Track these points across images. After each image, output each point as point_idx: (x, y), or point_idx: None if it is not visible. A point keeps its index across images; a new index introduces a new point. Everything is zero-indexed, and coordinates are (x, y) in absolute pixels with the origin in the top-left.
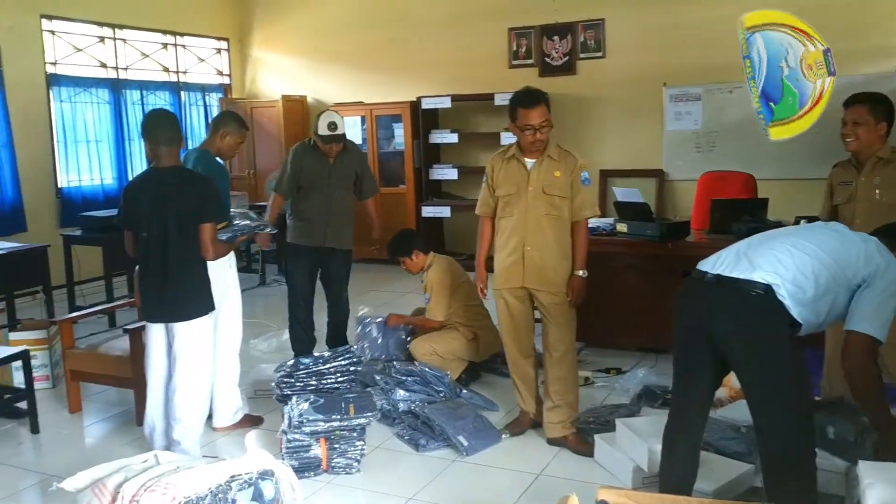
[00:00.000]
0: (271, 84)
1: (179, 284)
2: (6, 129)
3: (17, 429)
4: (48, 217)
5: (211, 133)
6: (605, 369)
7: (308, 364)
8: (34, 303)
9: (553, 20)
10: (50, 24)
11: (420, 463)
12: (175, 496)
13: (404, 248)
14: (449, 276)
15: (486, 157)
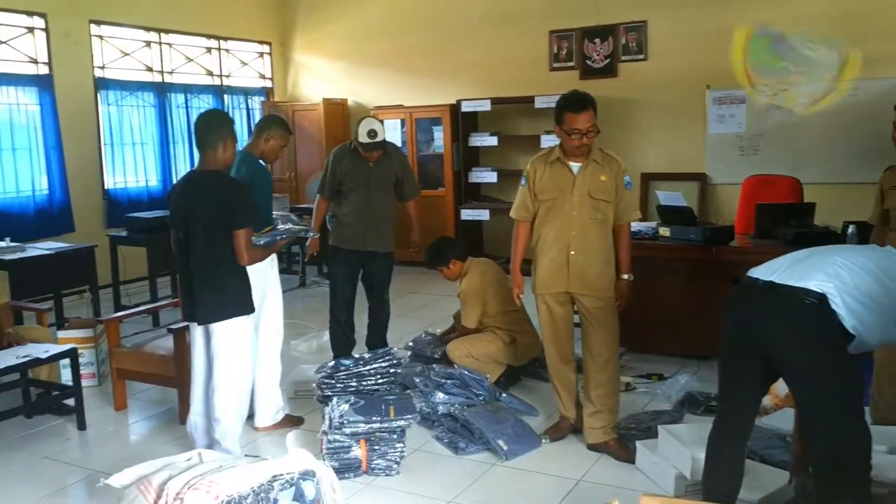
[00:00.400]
0: (312, 87)
1: (208, 286)
2: (56, 132)
3: (64, 425)
4: (95, 218)
5: (255, 136)
6: (647, 375)
7: (348, 365)
8: (81, 302)
9: (594, 22)
10: (99, 29)
11: (459, 466)
12: (218, 495)
13: (441, 257)
14: (484, 282)
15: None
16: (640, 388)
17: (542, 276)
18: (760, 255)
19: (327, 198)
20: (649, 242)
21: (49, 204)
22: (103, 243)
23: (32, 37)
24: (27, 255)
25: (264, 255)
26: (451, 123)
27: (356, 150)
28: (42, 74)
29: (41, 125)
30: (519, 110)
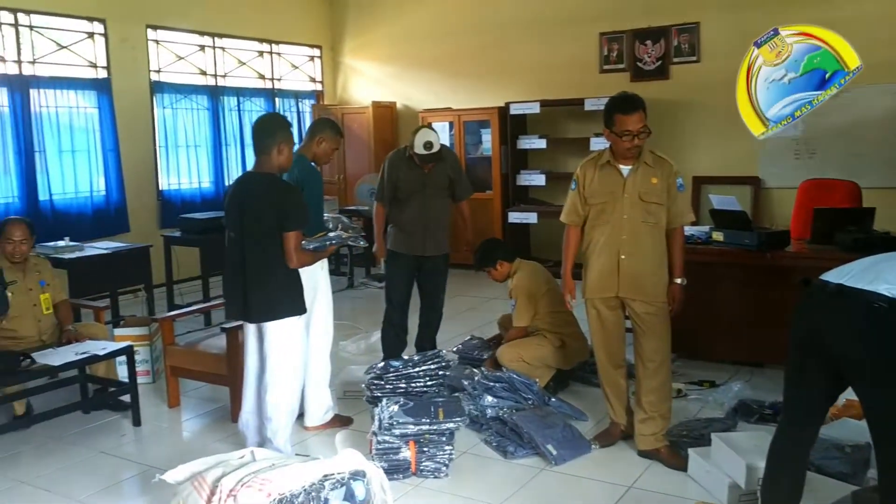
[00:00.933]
0: (361, 90)
1: (261, 286)
2: (113, 135)
3: (120, 421)
4: (149, 218)
5: (308, 139)
6: (698, 382)
7: (398, 367)
8: (135, 301)
9: (646, 24)
10: (155, 34)
11: (508, 470)
12: (270, 493)
13: (489, 258)
14: (534, 282)
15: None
16: (691, 395)
17: (592, 280)
18: (817, 261)
19: (385, 204)
20: (702, 247)
21: (106, 204)
22: (157, 243)
23: (92, 42)
24: (85, 255)
25: (313, 259)
26: (499, 126)
27: (411, 157)
28: (101, 78)
29: (99, 128)
30: (568, 113)
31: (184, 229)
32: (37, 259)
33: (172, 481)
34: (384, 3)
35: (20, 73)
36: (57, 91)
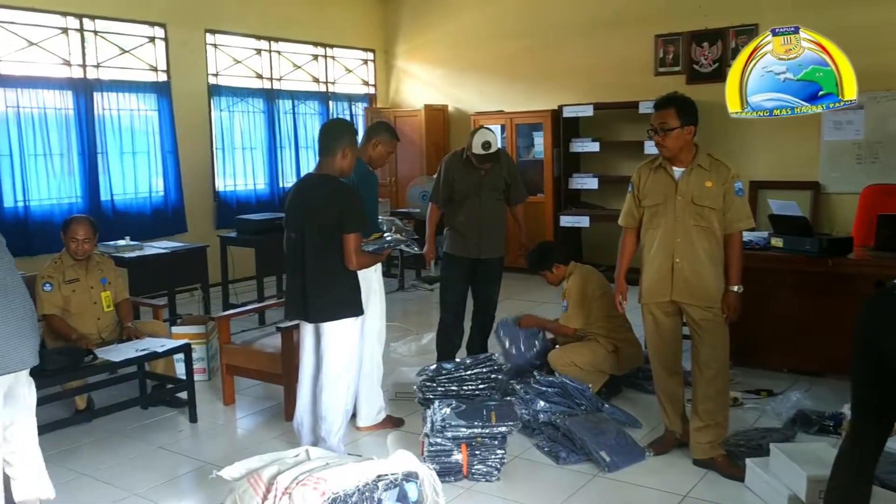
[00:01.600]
0: (414, 94)
1: (320, 287)
2: (172, 137)
3: (177, 417)
4: (206, 219)
5: (364, 142)
6: (755, 390)
7: (450, 369)
8: (191, 299)
9: (702, 26)
10: (213, 37)
11: (560, 476)
12: (325, 491)
13: (545, 261)
14: (589, 285)
15: (628, 167)
16: (748, 404)
17: (647, 284)
18: (881, 269)
19: (440, 206)
20: (760, 253)
21: (164, 205)
22: (214, 244)
23: (153, 46)
24: (144, 254)
25: (372, 261)
26: (551, 129)
27: (468, 159)
28: (161, 82)
29: (159, 130)
30: (622, 115)
31: (239, 230)
32: (100, 257)
33: (229, 478)
34: (438, 7)
35: (84, 77)
36: (119, 94)
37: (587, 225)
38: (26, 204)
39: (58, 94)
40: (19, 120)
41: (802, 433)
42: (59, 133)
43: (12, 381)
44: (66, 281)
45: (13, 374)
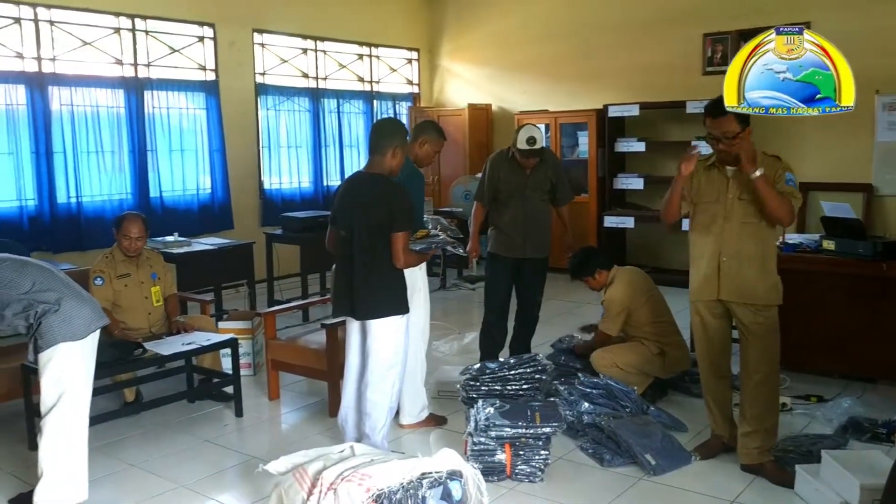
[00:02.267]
0: (458, 93)
1: (368, 284)
2: (220, 135)
3: (223, 411)
4: (252, 216)
5: (411, 140)
6: (805, 396)
7: (494, 369)
8: (237, 295)
9: (752, 24)
10: (260, 37)
11: (604, 478)
12: (370, 488)
13: (586, 267)
14: (630, 291)
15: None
16: (797, 410)
17: (695, 282)
18: None
19: (485, 204)
20: (811, 255)
21: (211, 202)
22: (259, 241)
23: (202, 45)
24: (192, 250)
25: (419, 260)
26: (596, 128)
27: (513, 158)
28: (209, 81)
29: (206, 128)
30: (669, 115)
31: (285, 227)
32: (150, 253)
33: (274, 472)
34: (482, 6)
35: (136, 76)
36: (168, 93)
37: (632, 226)
38: (79, 200)
39: (110, 92)
40: (73, 118)
41: (854, 440)
42: (110, 131)
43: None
44: (118, 276)
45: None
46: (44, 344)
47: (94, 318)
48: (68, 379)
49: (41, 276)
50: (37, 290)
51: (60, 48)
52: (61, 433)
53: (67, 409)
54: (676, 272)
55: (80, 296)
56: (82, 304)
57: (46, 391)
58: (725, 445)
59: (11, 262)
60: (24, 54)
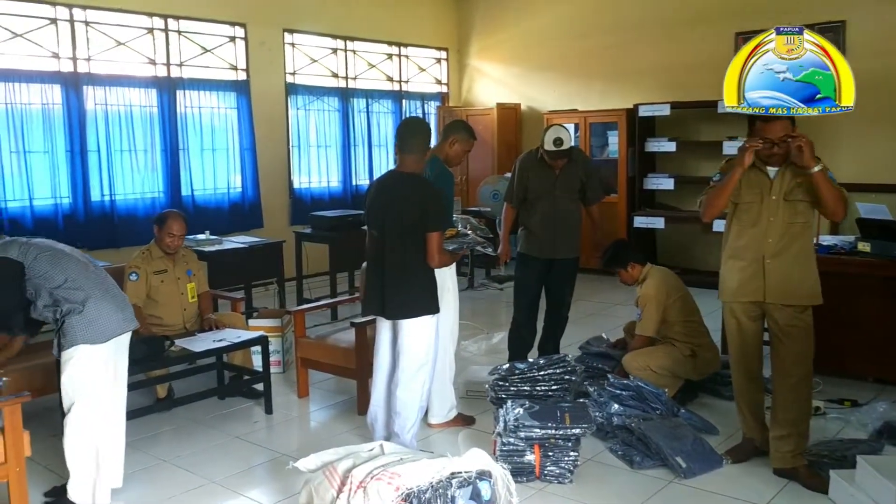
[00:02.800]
0: (486, 92)
1: (397, 284)
2: (250, 135)
3: (252, 408)
4: (281, 215)
5: (441, 140)
6: (839, 400)
7: (523, 369)
8: (266, 293)
9: (786, 23)
10: (291, 37)
11: (634, 480)
12: (399, 486)
13: (620, 259)
14: (664, 290)
15: (706, 167)
16: (831, 414)
17: (733, 283)
18: None
19: (515, 205)
20: (846, 257)
21: (241, 201)
22: (288, 239)
23: (233, 45)
24: (223, 248)
25: (451, 259)
26: (626, 128)
27: (542, 158)
28: (240, 80)
29: (237, 128)
30: (700, 115)
31: (314, 226)
32: (185, 250)
33: (304, 469)
34: (512, 5)
35: (168, 76)
36: (200, 92)
37: (662, 226)
38: (112, 198)
39: (143, 92)
40: (107, 117)
41: (890, 445)
42: (143, 130)
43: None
44: (155, 272)
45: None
46: (65, 343)
47: (121, 322)
48: (87, 381)
49: (75, 273)
50: (66, 288)
51: (95, 48)
52: (81, 433)
53: (85, 410)
54: (707, 273)
55: (110, 297)
56: (110, 307)
57: (64, 390)
58: (757, 449)
59: (52, 253)
60: (60, 54)
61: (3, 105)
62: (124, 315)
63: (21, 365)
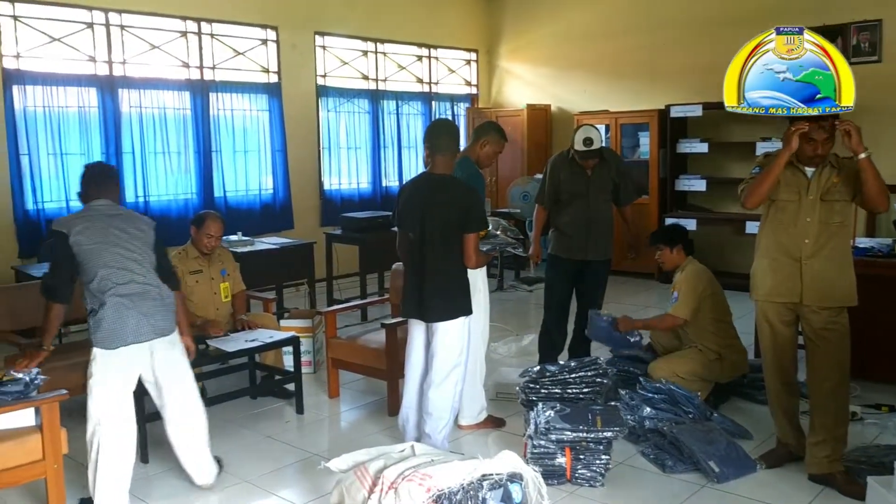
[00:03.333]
0: (516, 93)
1: (435, 286)
2: (282, 136)
3: (284, 408)
4: (312, 216)
5: (473, 141)
6: (876, 405)
7: (554, 371)
8: (297, 294)
9: (821, 22)
10: (322, 40)
11: (665, 484)
12: (430, 488)
13: (673, 238)
14: (704, 279)
15: (738, 168)
16: (868, 419)
17: (766, 282)
18: None
19: (547, 207)
20: (883, 260)
21: (273, 202)
22: (319, 240)
23: (265, 48)
24: (255, 249)
25: (486, 260)
26: (658, 129)
27: (574, 159)
28: (272, 83)
29: (269, 130)
30: (733, 116)
31: (344, 227)
32: (220, 250)
33: (336, 469)
34: (542, 6)
35: (201, 79)
36: (233, 95)
37: (694, 228)
38: (146, 199)
39: (176, 94)
40: (141, 120)
41: None
42: (176, 132)
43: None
44: (190, 272)
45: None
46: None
47: (132, 332)
48: (94, 385)
49: (109, 273)
50: (94, 287)
51: (130, 52)
52: (93, 448)
53: (94, 420)
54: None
55: (131, 306)
56: (126, 317)
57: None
58: (792, 454)
59: (99, 246)
60: (97, 58)
61: (42, 108)
62: (138, 328)
63: (59, 363)
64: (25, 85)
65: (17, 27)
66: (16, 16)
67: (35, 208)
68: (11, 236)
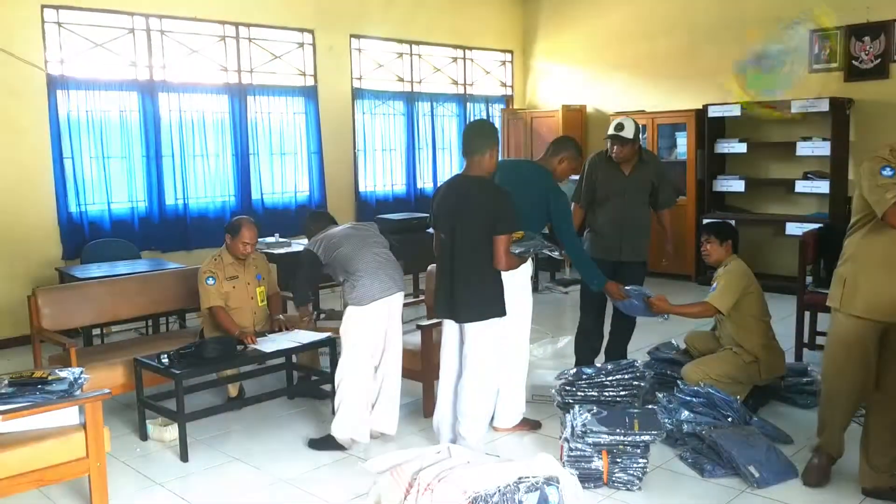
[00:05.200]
0: (551, 94)
1: (466, 287)
2: (318, 139)
3: (320, 408)
4: (347, 218)
5: (550, 154)
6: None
7: (590, 374)
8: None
9: (863, 19)
10: (357, 42)
11: (704, 489)
12: (466, 490)
13: (724, 232)
14: (747, 275)
15: (778, 169)
16: None
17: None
18: None
19: (583, 206)
20: None
21: (309, 203)
22: None
23: (302, 51)
24: (292, 251)
25: (518, 263)
26: (695, 129)
27: (611, 158)
28: (308, 85)
29: (305, 132)
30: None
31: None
32: (255, 254)
33: (372, 470)
34: (577, 6)
35: (239, 82)
36: (270, 98)
37: None
38: (185, 202)
39: (215, 98)
40: (181, 123)
41: None
42: (215, 135)
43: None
44: (227, 278)
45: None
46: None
47: (379, 290)
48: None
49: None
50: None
51: (170, 56)
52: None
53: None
54: (778, 277)
55: (373, 271)
56: (369, 280)
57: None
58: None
59: (346, 253)
60: (137, 63)
61: (85, 112)
62: (382, 285)
63: (102, 362)
64: (69, 90)
65: (61, 33)
66: (60, 22)
67: (78, 211)
68: (56, 238)
